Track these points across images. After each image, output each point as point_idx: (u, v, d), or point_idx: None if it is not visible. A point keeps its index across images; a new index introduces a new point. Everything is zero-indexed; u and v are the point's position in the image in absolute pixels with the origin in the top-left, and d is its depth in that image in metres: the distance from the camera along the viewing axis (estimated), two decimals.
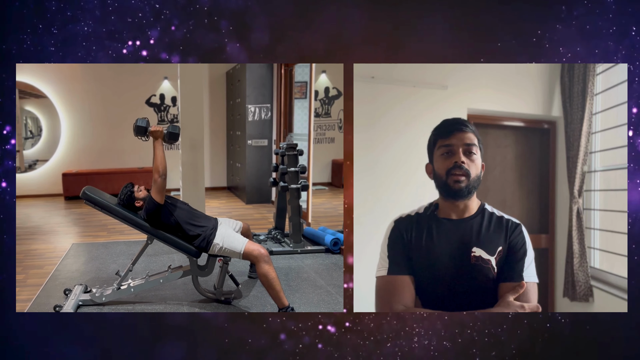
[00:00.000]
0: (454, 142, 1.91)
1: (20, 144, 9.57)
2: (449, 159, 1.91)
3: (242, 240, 3.65)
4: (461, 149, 1.90)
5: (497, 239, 1.90)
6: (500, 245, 1.89)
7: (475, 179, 1.90)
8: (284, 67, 7.60)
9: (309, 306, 3.86)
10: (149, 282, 3.89)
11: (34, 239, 6.25)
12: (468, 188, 1.89)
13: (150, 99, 9.85)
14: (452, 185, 1.89)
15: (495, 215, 1.97)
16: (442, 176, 1.92)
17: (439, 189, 1.96)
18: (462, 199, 1.92)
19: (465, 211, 1.95)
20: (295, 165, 5.45)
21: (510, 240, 1.91)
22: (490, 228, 1.93)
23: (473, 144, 1.91)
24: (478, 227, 1.92)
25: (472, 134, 1.92)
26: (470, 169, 1.89)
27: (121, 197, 3.83)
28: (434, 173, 1.98)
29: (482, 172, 1.95)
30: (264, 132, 8.53)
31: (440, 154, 1.94)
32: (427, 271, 1.91)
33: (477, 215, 1.95)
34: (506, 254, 1.89)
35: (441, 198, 1.98)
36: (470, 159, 1.90)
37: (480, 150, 1.94)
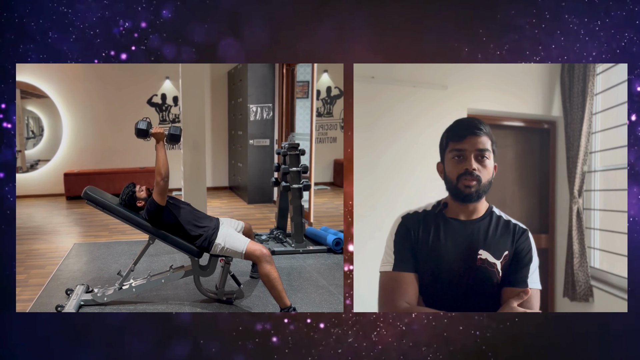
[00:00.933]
0: (467, 147, 1.87)
1: (22, 144, 9.60)
2: (461, 163, 1.88)
3: (244, 240, 3.65)
4: (473, 154, 1.86)
5: (504, 243, 1.90)
6: (506, 250, 1.89)
7: (486, 183, 1.89)
8: (285, 67, 7.60)
9: (311, 306, 3.87)
10: (150, 282, 3.89)
11: (36, 239, 6.27)
12: (478, 193, 1.88)
13: (151, 98, 9.86)
14: (462, 190, 1.88)
15: (502, 219, 1.96)
16: (453, 180, 1.90)
17: (449, 191, 1.95)
18: (471, 202, 1.91)
19: (473, 213, 1.94)
20: (297, 165, 5.45)
21: (516, 245, 1.90)
22: (498, 232, 1.92)
23: (486, 149, 1.87)
24: (485, 229, 1.92)
25: (486, 137, 1.88)
26: (481, 174, 1.86)
27: (123, 197, 3.83)
28: (444, 174, 1.96)
29: (494, 174, 1.93)
30: (266, 132, 8.53)
31: (452, 157, 1.91)
32: (431, 270, 1.90)
33: (484, 218, 1.95)
34: (511, 259, 1.89)
35: (450, 198, 1.97)
36: (483, 164, 1.87)
37: (493, 153, 1.90)
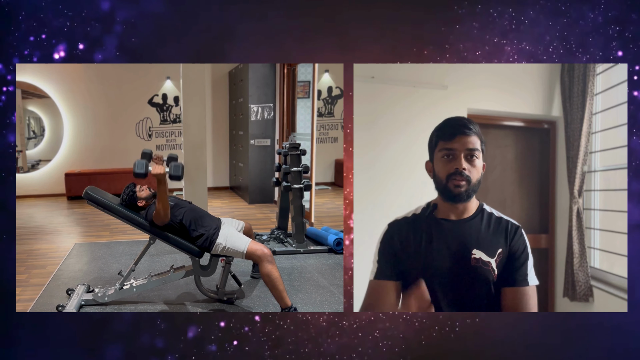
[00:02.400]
0: (456, 146, 1.86)
1: (23, 144, 9.61)
2: (450, 163, 1.87)
3: (245, 240, 3.65)
4: (463, 154, 1.86)
5: (497, 241, 1.89)
6: (500, 247, 1.88)
7: (475, 183, 1.88)
8: (286, 67, 7.61)
9: (312, 306, 3.88)
10: (151, 282, 3.90)
11: (37, 239, 6.28)
12: (468, 192, 1.87)
13: (152, 98, 9.87)
14: (452, 190, 1.87)
15: (494, 216, 1.95)
16: (442, 179, 1.89)
17: (438, 190, 1.94)
18: (461, 202, 1.91)
19: (464, 212, 1.93)
20: (298, 165, 5.46)
21: (511, 244, 1.89)
22: (490, 229, 1.91)
23: (475, 149, 1.86)
24: (477, 228, 1.91)
25: (475, 137, 1.87)
26: (471, 174, 1.86)
27: (124, 197, 3.84)
28: (433, 173, 1.95)
29: (482, 173, 1.92)
30: (267, 132, 8.54)
31: (441, 157, 1.90)
32: (425, 273, 1.88)
33: (476, 216, 1.93)
34: (507, 258, 1.88)
35: (440, 199, 1.95)
36: (472, 164, 1.87)
37: (482, 152, 1.90)
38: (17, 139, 9.39)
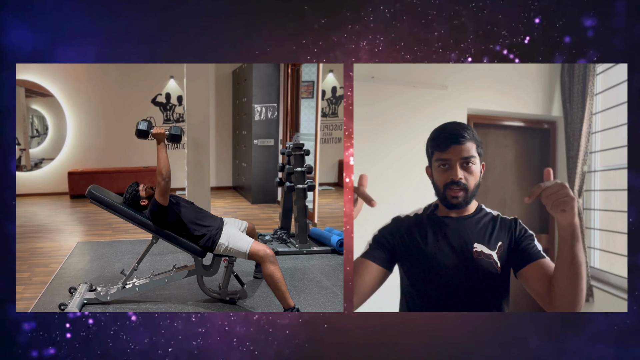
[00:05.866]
0: (451, 156, 1.85)
1: (26, 142, 9.65)
2: (446, 173, 1.87)
3: (248, 240, 3.66)
4: (458, 163, 1.85)
5: (497, 235, 1.91)
6: (500, 240, 1.90)
7: (474, 188, 1.89)
8: (290, 67, 7.61)
9: (315, 307, 3.89)
10: (153, 281, 3.92)
11: (40, 237, 6.31)
12: (466, 200, 1.88)
13: (156, 98, 9.90)
14: (449, 200, 1.88)
15: (492, 214, 1.99)
16: (440, 188, 1.91)
17: (437, 196, 1.96)
18: (460, 209, 1.93)
19: (464, 211, 1.96)
20: (301, 165, 5.46)
21: (515, 233, 1.91)
22: (489, 225, 1.94)
23: (471, 156, 1.85)
24: (477, 223, 1.93)
25: (470, 143, 1.86)
26: (468, 182, 1.86)
27: (126, 196, 3.86)
28: (432, 180, 1.97)
29: (482, 173, 1.93)
30: (270, 132, 8.54)
31: (437, 166, 1.90)
32: (428, 270, 1.90)
33: (476, 214, 1.97)
34: (515, 243, 1.89)
35: (440, 202, 1.99)
36: (468, 171, 1.86)
37: (480, 155, 1.90)
38: (21, 137, 9.46)
